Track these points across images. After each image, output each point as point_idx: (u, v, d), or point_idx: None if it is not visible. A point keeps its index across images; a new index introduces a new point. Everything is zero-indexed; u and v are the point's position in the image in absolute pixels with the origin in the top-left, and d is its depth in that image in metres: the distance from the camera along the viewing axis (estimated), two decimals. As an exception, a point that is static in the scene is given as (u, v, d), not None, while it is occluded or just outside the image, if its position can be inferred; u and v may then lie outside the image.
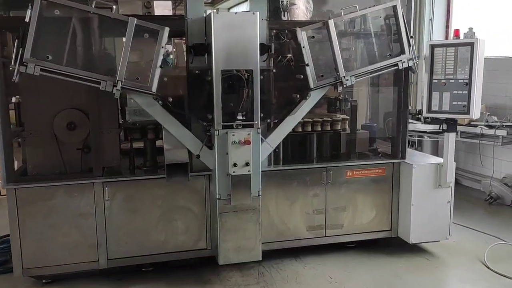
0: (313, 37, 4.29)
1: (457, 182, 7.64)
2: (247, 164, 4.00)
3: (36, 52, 3.62)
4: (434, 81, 4.65)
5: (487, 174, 7.06)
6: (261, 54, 4.21)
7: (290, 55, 4.43)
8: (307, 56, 4.20)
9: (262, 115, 4.14)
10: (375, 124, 5.29)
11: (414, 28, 8.18)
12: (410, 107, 8.04)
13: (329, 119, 4.88)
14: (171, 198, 4.44)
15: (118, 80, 3.77)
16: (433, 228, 4.91)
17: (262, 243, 4.61)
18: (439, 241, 5.01)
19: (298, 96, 4.37)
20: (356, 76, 4.35)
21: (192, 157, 4.28)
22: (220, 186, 4.09)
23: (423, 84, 4.73)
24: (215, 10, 3.95)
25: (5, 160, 4.00)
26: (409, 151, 5.32)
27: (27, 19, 3.56)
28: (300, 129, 4.76)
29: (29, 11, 3.56)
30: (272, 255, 4.86)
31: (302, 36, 4.18)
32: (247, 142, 3.97)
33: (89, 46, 3.95)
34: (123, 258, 4.40)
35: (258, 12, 3.95)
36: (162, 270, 4.61)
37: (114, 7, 4.04)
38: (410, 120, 7.04)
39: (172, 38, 6.02)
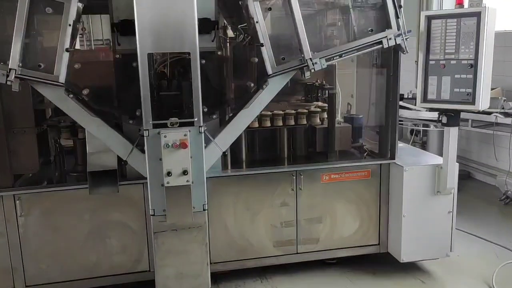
0: (270, 9, 3.37)
1: (469, 176, 6.77)
2: (184, 172, 3.15)
3: None
4: (430, 62, 3.70)
5: (503, 168, 6.06)
6: (206, 32, 3.35)
7: (247, 34, 3.55)
8: (262, 34, 3.30)
9: (205, 109, 3.29)
10: (362, 116, 4.35)
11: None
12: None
13: (304, 110, 4.00)
14: (102, 211, 3.65)
15: (10, 69, 2.94)
16: (430, 244, 4.01)
17: (219, 262, 3.88)
18: (438, 258, 4.12)
19: (252, 84, 3.48)
20: (328, 58, 3.43)
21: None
22: (154, 199, 3.24)
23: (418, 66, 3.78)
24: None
25: None
26: (403, 148, 4.43)
27: None
28: (264, 124, 3.91)
29: None
30: (234, 274, 4.05)
31: (255, 8, 3.27)
32: (183, 145, 3.11)
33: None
34: (45, 285, 3.64)
35: (194, -22, 3.05)
36: (100, 294, 3.86)
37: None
38: (413, 107, 6.13)
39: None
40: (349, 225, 4.09)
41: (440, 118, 3.80)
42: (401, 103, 6.30)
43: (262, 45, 3.30)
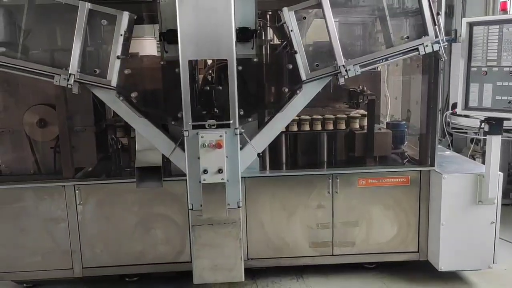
0: (305, 17, 3.52)
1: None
2: (219, 171, 3.39)
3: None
4: (472, 69, 3.65)
5: None
6: (245, 40, 3.56)
7: (285, 41, 3.72)
8: (296, 42, 3.46)
9: (242, 112, 3.50)
10: (404, 122, 4.35)
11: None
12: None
13: (344, 115, 4.09)
14: (149, 204, 3.98)
15: (70, 74, 3.35)
16: (471, 254, 3.92)
17: (255, 259, 4.07)
18: (480, 270, 4.01)
19: (287, 90, 3.64)
20: (362, 65, 3.51)
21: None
22: (192, 195, 3.51)
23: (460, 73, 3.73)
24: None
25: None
26: (449, 155, 4.39)
27: (-28, 9, 3.27)
28: (304, 128, 4.06)
29: (-26, 0, 3.26)
30: (271, 272, 4.23)
31: (290, 17, 3.44)
32: (218, 145, 3.35)
33: (47, 37, 3.57)
34: (99, 267, 4.04)
35: (232, -10, 3.28)
36: (146, 281, 4.20)
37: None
38: (469, 112, 5.92)
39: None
40: (386, 231, 4.10)
41: (482, 126, 3.73)
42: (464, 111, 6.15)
43: (296, 52, 3.46)
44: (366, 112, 4.17)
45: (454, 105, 6.14)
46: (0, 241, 3.92)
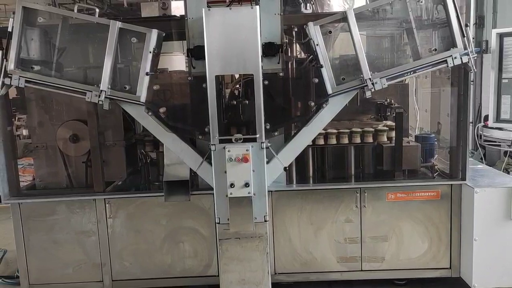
0: (330, 32, 3.53)
1: None
2: (246, 185, 3.40)
3: (21, 63, 3.48)
4: (503, 81, 3.60)
5: None
6: (271, 55, 3.60)
7: (311, 55, 3.73)
8: (322, 56, 3.47)
9: (268, 126, 3.52)
10: (433, 135, 4.28)
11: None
12: None
13: (371, 129, 4.05)
14: (177, 218, 4.03)
15: (101, 90, 3.45)
16: (505, 271, 3.80)
17: (283, 273, 4.05)
18: (516, 287, 3.88)
19: (313, 104, 3.65)
20: (389, 78, 3.49)
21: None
22: (219, 209, 3.54)
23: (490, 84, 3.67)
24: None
25: (8, 173, 3.93)
26: (481, 169, 4.29)
27: (9, 29, 3.41)
28: (331, 142, 4.05)
29: (11, 20, 3.41)
30: (298, 287, 4.18)
31: (316, 31, 3.46)
32: (244, 159, 3.38)
33: (79, 55, 3.70)
34: (128, 280, 4.10)
35: (257, 6, 3.32)
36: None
37: (97, 10, 3.72)
38: (501, 125, 5.79)
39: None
40: (417, 246, 4.02)
41: (515, 139, 3.64)
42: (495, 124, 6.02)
43: (322, 66, 3.47)
44: (394, 125, 4.13)
45: (486, 117, 6.02)
46: (33, 253, 4.04)
